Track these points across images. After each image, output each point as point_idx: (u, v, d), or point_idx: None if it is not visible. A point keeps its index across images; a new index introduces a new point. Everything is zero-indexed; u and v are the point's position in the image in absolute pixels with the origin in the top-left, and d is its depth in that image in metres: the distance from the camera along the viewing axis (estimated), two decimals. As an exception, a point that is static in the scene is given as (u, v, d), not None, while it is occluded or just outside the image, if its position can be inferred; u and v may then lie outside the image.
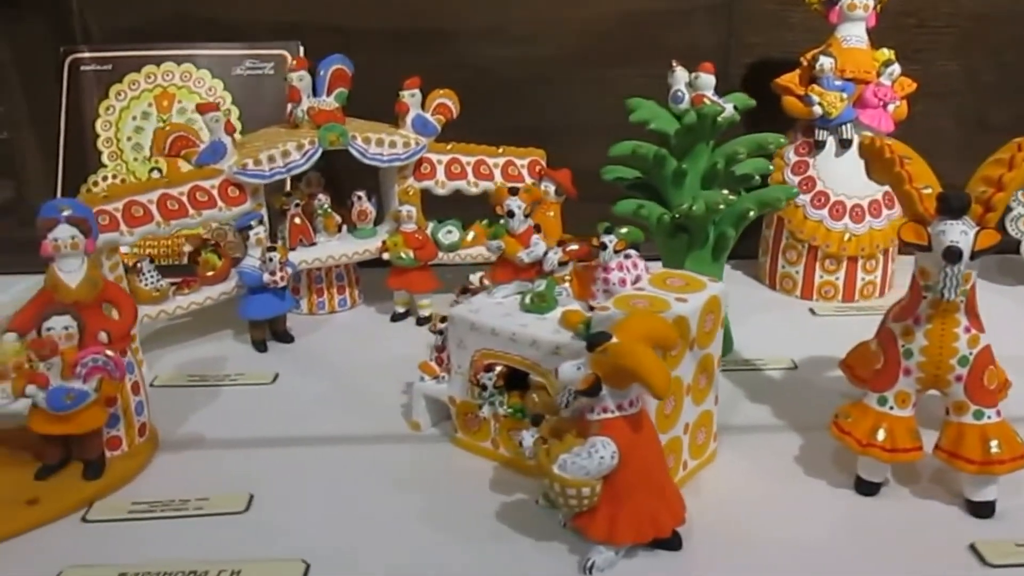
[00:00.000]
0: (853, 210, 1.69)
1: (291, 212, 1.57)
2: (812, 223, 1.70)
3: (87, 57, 1.80)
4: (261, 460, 1.18)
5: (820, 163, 1.70)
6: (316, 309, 1.65)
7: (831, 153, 1.70)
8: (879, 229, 1.70)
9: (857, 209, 1.69)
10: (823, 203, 1.69)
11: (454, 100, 1.64)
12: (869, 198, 1.70)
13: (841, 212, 1.69)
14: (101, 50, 1.81)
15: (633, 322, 0.95)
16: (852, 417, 1.09)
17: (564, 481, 0.92)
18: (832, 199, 1.69)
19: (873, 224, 1.70)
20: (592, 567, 0.94)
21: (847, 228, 1.69)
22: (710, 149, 1.45)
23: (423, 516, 1.05)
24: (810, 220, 1.70)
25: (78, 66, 1.81)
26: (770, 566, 0.97)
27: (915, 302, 1.05)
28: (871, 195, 1.70)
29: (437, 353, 1.22)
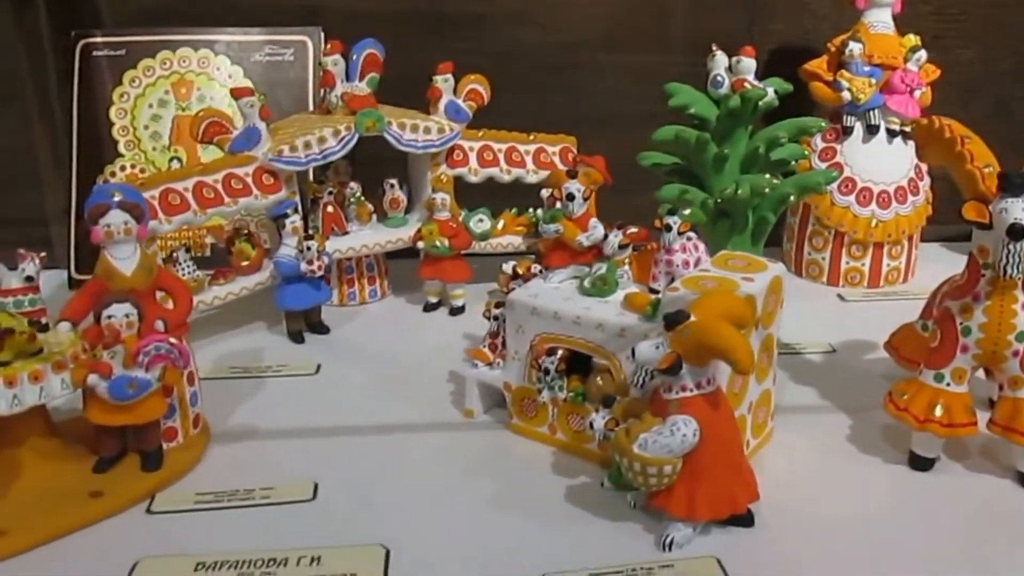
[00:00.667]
0: (880, 196, 1.70)
1: (324, 200, 1.56)
2: (839, 209, 1.71)
3: (99, 42, 1.76)
4: (318, 449, 1.17)
5: (847, 149, 1.71)
6: (347, 300, 1.64)
7: (858, 139, 1.71)
8: (905, 215, 1.71)
9: (884, 195, 1.70)
10: (850, 189, 1.70)
11: (485, 86, 1.63)
12: (895, 184, 1.71)
13: (868, 198, 1.70)
14: (114, 35, 1.77)
15: (711, 300, 0.95)
16: (908, 395, 1.09)
17: (645, 460, 0.92)
18: (859, 185, 1.69)
19: (899, 210, 1.71)
20: (671, 543, 0.95)
21: (874, 214, 1.70)
22: (748, 134, 1.46)
23: (492, 501, 1.05)
24: (837, 207, 1.71)
25: (90, 51, 1.77)
26: (837, 540, 0.98)
27: (974, 280, 1.06)
28: (897, 181, 1.71)
29: (491, 339, 1.21)
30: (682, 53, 1.87)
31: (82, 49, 1.76)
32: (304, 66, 1.80)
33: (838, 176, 1.56)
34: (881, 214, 1.70)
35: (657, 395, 0.97)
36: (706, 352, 0.91)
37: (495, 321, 1.20)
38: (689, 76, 1.55)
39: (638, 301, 1.08)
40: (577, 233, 1.16)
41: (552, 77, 1.90)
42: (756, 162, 1.42)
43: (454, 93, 1.61)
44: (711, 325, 0.91)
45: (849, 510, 1.03)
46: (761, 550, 0.96)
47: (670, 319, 0.93)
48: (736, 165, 1.43)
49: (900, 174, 1.71)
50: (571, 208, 1.17)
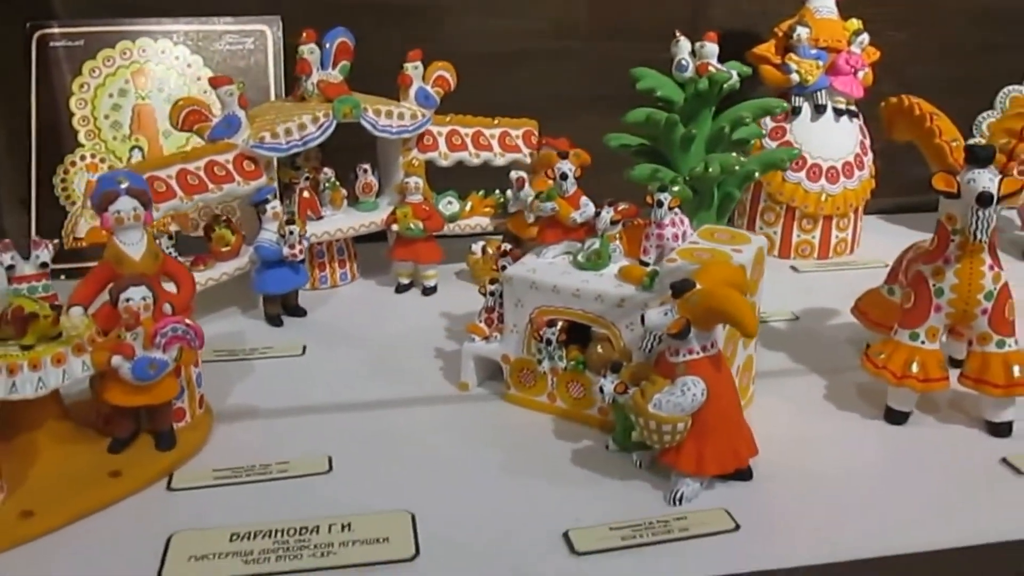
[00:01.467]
0: (828, 172, 1.80)
1: (300, 186, 1.58)
2: (791, 185, 1.80)
3: (56, 33, 1.75)
4: (323, 425, 1.19)
5: (796, 128, 1.80)
6: (319, 284, 1.66)
7: (807, 119, 1.80)
8: (852, 189, 1.82)
9: (832, 171, 1.80)
10: (800, 166, 1.79)
11: (452, 72, 1.67)
12: (843, 160, 1.81)
13: (817, 174, 1.80)
14: (71, 25, 1.75)
15: (714, 269, 1.01)
16: (885, 354, 1.18)
17: (660, 418, 0.98)
18: (809, 162, 1.79)
19: (847, 184, 1.81)
20: (681, 497, 1.01)
21: (823, 189, 1.80)
22: (712, 115, 1.53)
23: (502, 466, 1.09)
24: (788, 183, 1.80)
25: (47, 42, 1.75)
26: (827, 489, 1.05)
27: (943, 245, 1.14)
28: (844, 157, 1.81)
29: (486, 314, 1.25)
30: (631, 40, 1.95)
31: (38, 40, 1.74)
32: (264, 55, 1.81)
33: (799, 153, 1.64)
34: (830, 188, 1.80)
35: (663, 359, 1.03)
36: (714, 317, 0.98)
37: (491, 297, 1.24)
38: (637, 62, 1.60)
39: (634, 273, 1.14)
40: (570, 211, 1.21)
41: (509, 64, 1.94)
42: (721, 141, 1.49)
43: (422, 80, 1.64)
44: (719, 291, 0.97)
45: (834, 462, 1.11)
46: (762, 501, 1.03)
47: (678, 287, 0.99)
48: (702, 145, 1.50)
49: (847, 150, 1.81)
50: (564, 187, 1.22)
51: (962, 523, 0.98)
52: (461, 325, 1.47)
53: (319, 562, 0.91)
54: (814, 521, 0.99)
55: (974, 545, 0.94)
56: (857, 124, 1.84)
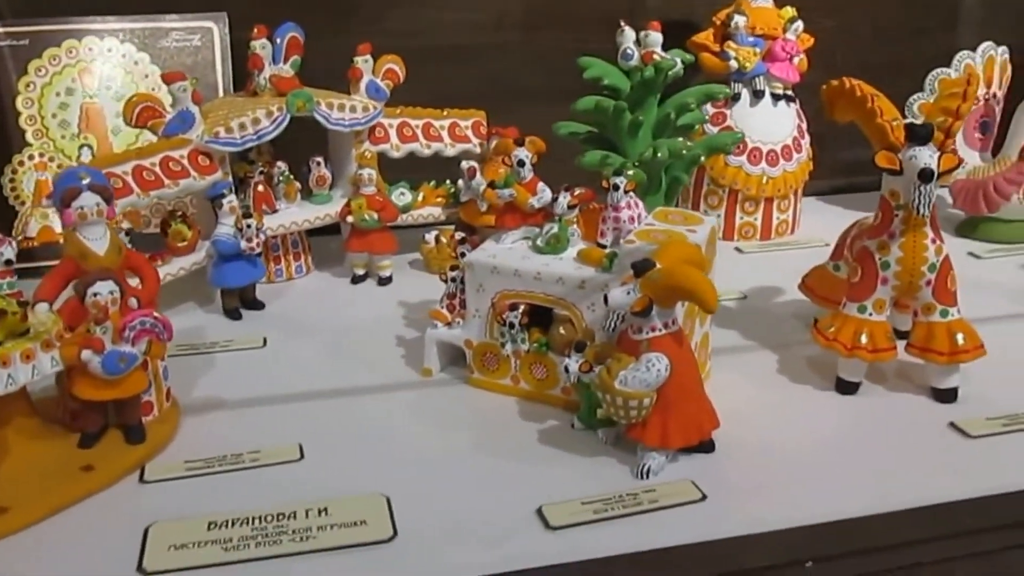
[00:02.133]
0: (768, 155, 1.85)
1: (255, 180, 1.58)
2: (732, 169, 1.85)
3: (0, 32, 1.71)
4: (291, 414, 1.20)
5: (736, 114, 1.85)
6: (275, 277, 1.66)
7: (746, 104, 1.86)
8: (791, 171, 1.88)
9: (772, 154, 1.85)
10: (741, 150, 1.84)
11: (401, 65, 1.68)
12: (781, 143, 1.87)
13: (758, 157, 1.85)
14: (15, 24, 1.72)
15: (672, 249, 1.05)
16: (835, 327, 1.23)
17: (627, 394, 1.01)
18: (750, 146, 1.84)
19: (786, 167, 1.87)
20: (648, 471, 1.04)
21: (764, 172, 1.85)
22: (657, 102, 1.57)
23: (472, 447, 1.12)
24: (730, 166, 1.85)
25: (-10, 42, 1.72)
26: (786, 459, 1.09)
27: (888, 220, 1.20)
28: (783, 140, 1.87)
29: (448, 300, 1.28)
30: (571, 31, 1.99)
31: (-20, 40, 1.71)
32: (211, 52, 1.80)
33: (743, 137, 1.69)
34: (770, 171, 1.85)
35: (626, 337, 1.06)
36: (676, 294, 1.01)
37: (452, 283, 1.27)
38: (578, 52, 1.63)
39: (593, 255, 1.17)
40: (528, 196, 1.24)
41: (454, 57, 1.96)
42: (667, 127, 1.53)
43: (372, 73, 1.65)
44: (680, 269, 1.00)
45: (791, 432, 1.15)
46: (725, 471, 1.06)
47: (639, 267, 1.02)
48: (649, 131, 1.53)
49: (785, 134, 1.87)
50: (521, 173, 1.24)
51: (916, 485, 1.03)
52: (419, 313, 1.49)
53: (299, 546, 0.93)
54: (776, 489, 1.03)
55: (928, 505, 0.99)
56: (794, 108, 1.90)
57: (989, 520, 0.99)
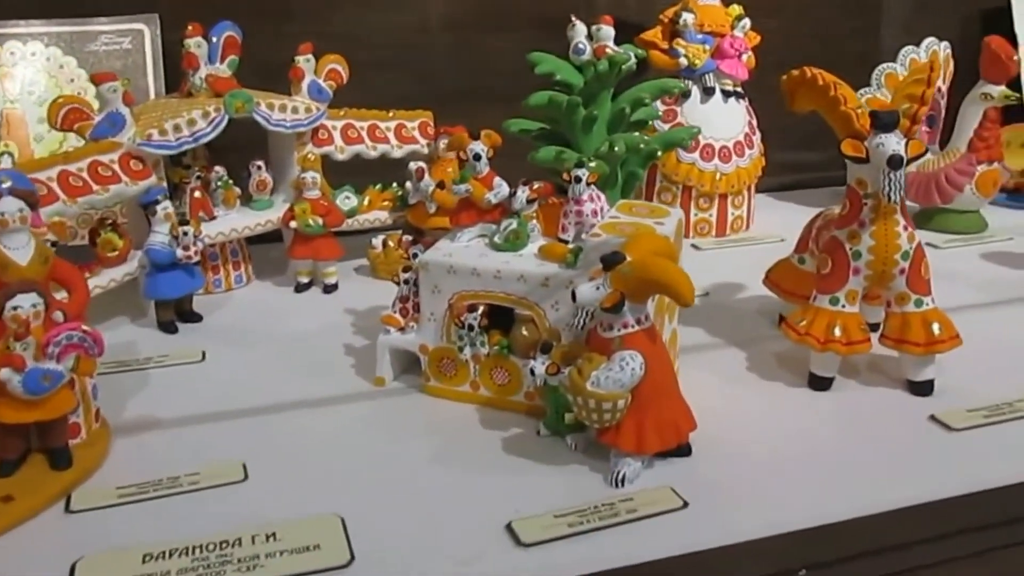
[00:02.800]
0: (721, 151, 1.82)
1: (191, 185, 1.48)
2: (685, 166, 1.81)
3: (-83, 37, 1.60)
4: (234, 431, 1.11)
5: (687, 111, 1.81)
6: (213, 288, 1.56)
7: (696, 101, 1.82)
8: (744, 167, 1.84)
9: (724, 150, 1.82)
10: (694, 147, 1.80)
11: (344, 65, 1.61)
12: (733, 140, 1.83)
13: (711, 154, 1.81)
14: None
15: (642, 240, 0.99)
16: (807, 320, 1.18)
17: (600, 396, 0.94)
18: (702, 142, 1.80)
19: (739, 163, 1.83)
20: (623, 478, 0.98)
21: (717, 168, 1.81)
22: (610, 97, 1.52)
23: (431, 460, 1.04)
24: (683, 163, 1.81)
25: (-97, 46, 1.60)
26: (767, 462, 1.03)
27: (856, 209, 1.15)
28: (735, 137, 1.84)
29: (400, 304, 1.20)
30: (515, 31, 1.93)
31: None
32: (142, 55, 1.70)
33: (700, 131, 1.65)
34: (723, 167, 1.82)
35: (595, 336, 0.99)
36: (649, 287, 0.95)
37: (404, 285, 1.19)
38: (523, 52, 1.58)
39: (556, 250, 1.11)
40: (484, 192, 1.17)
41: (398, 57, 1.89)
42: (621, 122, 1.48)
43: (314, 73, 1.57)
44: (653, 261, 0.94)
45: (768, 432, 1.10)
46: (705, 476, 1.00)
47: (609, 259, 0.96)
48: (603, 126, 1.48)
49: (736, 130, 1.84)
50: (478, 168, 1.17)
51: (905, 483, 0.98)
52: (367, 320, 1.42)
53: (245, 576, 0.84)
54: (759, 493, 0.97)
55: (922, 504, 0.94)
56: (744, 105, 1.86)
57: (986, 517, 0.94)
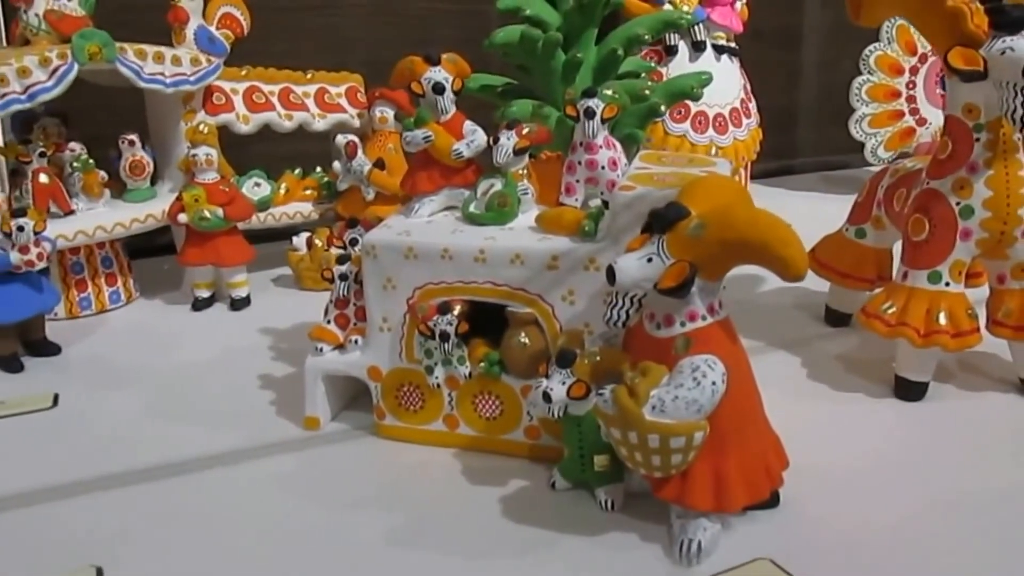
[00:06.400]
0: (716, 120, 1.50)
1: (35, 167, 1.09)
2: (675, 139, 1.49)
3: None
4: (93, 510, 0.74)
5: (675, 70, 1.48)
6: (79, 310, 1.18)
7: (685, 58, 1.50)
8: (741, 140, 1.53)
9: (719, 119, 1.50)
10: (684, 116, 1.48)
11: (243, 11, 1.26)
12: (729, 106, 1.52)
13: (704, 124, 1.49)
14: None
15: (708, 188, 0.65)
16: (896, 306, 0.87)
17: (666, 429, 0.60)
18: (693, 110, 1.48)
19: (736, 135, 1.52)
20: (697, 549, 0.64)
21: (712, 141, 1.49)
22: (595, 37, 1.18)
23: (392, 541, 0.70)
24: (672, 136, 1.49)
25: None
26: (883, 511, 0.73)
27: (965, 149, 0.84)
28: (730, 103, 1.52)
29: (338, 310, 0.84)
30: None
31: None
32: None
33: (711, 79, 1.32)
34: (719, 140, 1.50)
35: (641, 335, 0.66)
36: (737, 252, 0.62)
37: (341, 283, 0.83)
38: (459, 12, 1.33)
39: (565, 217, 0.76)
40: (451, 142, 0.81)
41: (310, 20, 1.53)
42: (612, 68, 1.14)
43: (203, 18, 1.20)
44: (745, 213, 0.60)
45: (867, 463, 0.81)
46: (806, 539, 0.70)
47: (666, 215, 0.62)
48: (589, 73, 1.14)
49: (732, 95, 1.53)
50: (442, 105, 0.82)
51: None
52: (292, 342, 1.08)
53: None
54: (881, 556, 0.67)
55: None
56: (737, 64, 1.55)
57: None
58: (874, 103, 1.70)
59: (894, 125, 1.70)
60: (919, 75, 1.69)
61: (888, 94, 1.70)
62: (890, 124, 1.71)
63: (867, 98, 1.68)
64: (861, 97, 1.67)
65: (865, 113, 1.68)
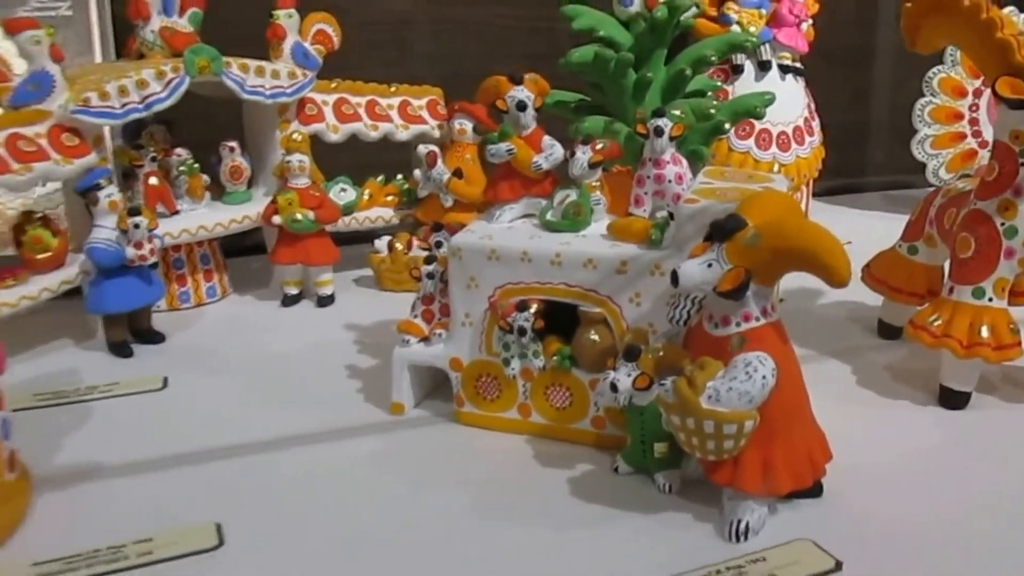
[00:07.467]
0: (779, 138, 1.55)
1: (146, 170, 1.20)
2: (739, 155, 1.54)
3: None
4: (205, 480, 0.84)
5: (740, 89, 1.54)
6: (179, 303, 1.28)
7: (750, 77, 1.55)
8: (804, 157, 1.57)
9: (783, 136, 1.55)
10: (748, 133, 1.53)
11: (335, 27, 1.34)
12: (792, 124, 1.56)
13: (768, 141, 1.54)
14: None
15: (764, 202, 0.72)
16: (942, 318, 0.92)
17: (722, 416, 0.67)
18: (758, 127, 1.53)
19: (799, 152, 1.56)
20: (746, 529, 0.71)
21: (775, 158, 1.54)
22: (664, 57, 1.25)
23: (471, 514, 0.77)
24: (736, 152, 1.54)
25: None
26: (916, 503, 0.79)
27: (1011, 171, 0.90)
28: (794, 121, 1.57)
29: (424, 306, 0.92)
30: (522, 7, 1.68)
31: None
32: (85, 25, 1.42)
33: (774, 99, 1.38)
34: (782, 157, 1.55)
35: (700, 334, 0.73)
36: (788, 260, 0.68)
37: (428, 281, 0.91)
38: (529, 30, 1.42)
39: (634, 226, 0.84)
40: (532, 155, 0.90)
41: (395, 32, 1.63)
42: (680, 87, 1.20)
43: (299, 34, 1.30)
44: (796, 224, 0.67)
45: (906, 463, 0.86)
46: (847, 524, 0.75)
47: (726, 226, 0.69)
48: (657, 92, 1.20)
49: (796, 113, 1.57)
50: (523, 121, 0.90)
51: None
52: (374, 337, 1.16)
53: None
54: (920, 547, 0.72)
55: None
56: (802, 84, 1.60)
57: None
58: (936, 124, 1.73)
59: (956, 146, 1.73)
60: (982, 98, 1.72)
61: (950, 116, 1.73)
62: (952, 145, 1.73)
63: (929, 119, 1.71)
64: (924, 118, 1.71)
65: (927, 134, 1.72)
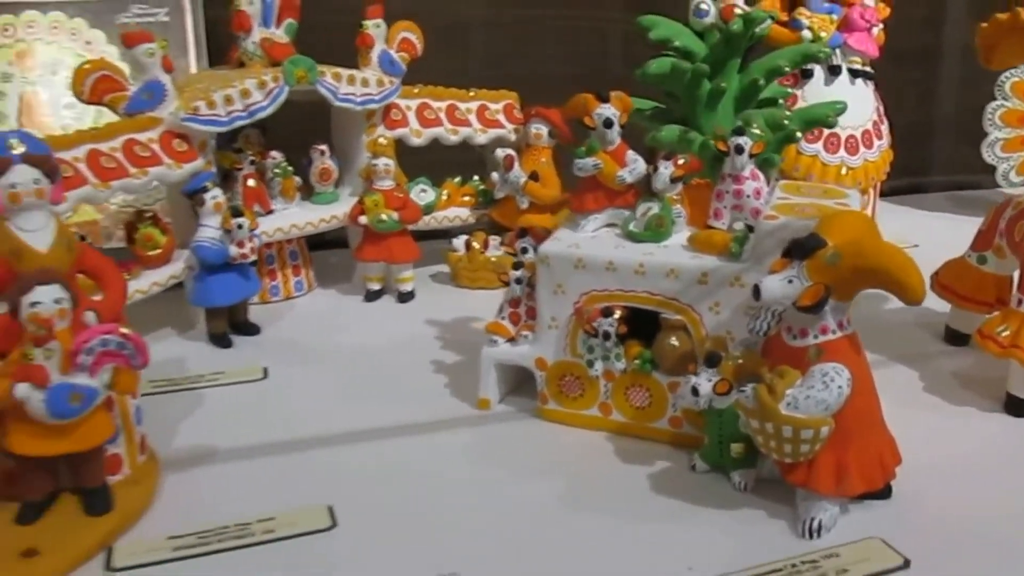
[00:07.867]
0: (847, 141, 1.58)
1: (244, 172, 1.27)
2: (807, 159, 1.57)
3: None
4: (313, 465, 0.91)
5: (810, 94, 1.57)
6: (269, 296, 1.35)
7: (820, 82, 1.58)
8: (872, 161, 1.60)
9: (851, 140, 1.58)
10: (817, 136, 1.56)
11: (418, 35, 1.39)
12: (861, 128, 1.59)
13: (836, 145, 1.58)
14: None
15: (843, 222, 0.76)
16: (1010, 328, 0.95)
17: (799, 422, 0.72)
18: (826, 131, 1.56)
19: (867, 156, 1.59)
20: (819, 527, 0.76)
21: (843, 161, 1.58)
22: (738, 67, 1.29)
23: (559, 505, 0.83)
24: (804, 155, 1.57)
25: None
26: (983, 504, 0.83)
27: (1082, 187, 0.92)
28: (862, 125, 1.60)
29: (511, 309, 0.98)
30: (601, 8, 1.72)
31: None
32: (181, 30, 1.50)
33: (845, 108, 1.41)
34: (850, 160, 1.58)
35: (778, 344, 0.78)
36: (866, 279, 0.73)
37: (516, 286, 0.97)
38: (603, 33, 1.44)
39: (715, 239, 0.89)
40: (616, 169, 0.95)
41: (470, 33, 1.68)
42: (753, 96, 1.25)
43: (385, 42, 1.36)
44: (874, 245, 0.72)
45: (974, 466, 0.90)
46: (917, 524, 0.79)
47: (807, 245, 0.74)
48: (731, 102, 1.25)
49: (865, 117, 1.60)
50: (609, 137, 0.95)
51: None
52: (455, 333, 1.22)
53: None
54: (981, 547, 0.77)
55: None
56: (871, 88, 1.63)
57: None
58: (1007, 128, 1.73)
59: (1027, 150, 1.74)
60: (1054, 102, 1.73)
61: (1022, 120, 1.74)
62: (1023, 149, 1.74)
63: (1000, 123, 1.71)
64: (994, 122, 1.71)
65: (998, 137, 1.73)
